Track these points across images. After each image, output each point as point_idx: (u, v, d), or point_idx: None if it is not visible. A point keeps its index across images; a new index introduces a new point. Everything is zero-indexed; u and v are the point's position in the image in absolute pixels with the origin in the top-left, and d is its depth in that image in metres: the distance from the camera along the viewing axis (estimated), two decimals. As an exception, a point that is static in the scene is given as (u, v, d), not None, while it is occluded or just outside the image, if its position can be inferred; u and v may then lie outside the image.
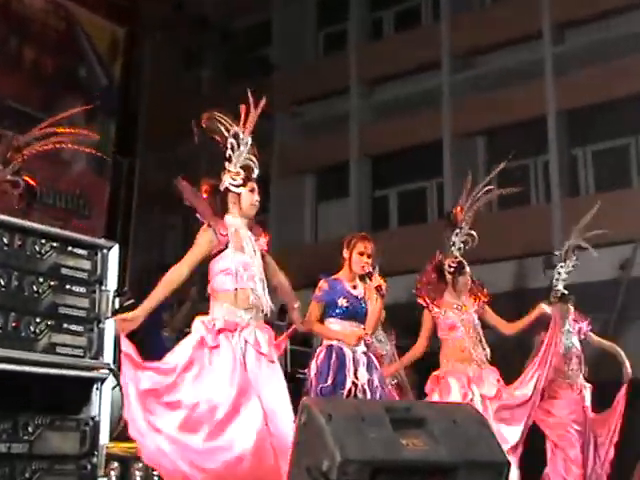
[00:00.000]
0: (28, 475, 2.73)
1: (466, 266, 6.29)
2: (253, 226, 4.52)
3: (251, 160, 4.44)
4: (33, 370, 2.76)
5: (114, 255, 3.05)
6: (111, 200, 11.91)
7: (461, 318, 6.20)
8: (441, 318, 6.23)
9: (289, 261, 4.93)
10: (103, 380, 2.96)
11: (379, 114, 15.04)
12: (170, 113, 14.38)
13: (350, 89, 15.28)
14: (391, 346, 7.25)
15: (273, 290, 4.49)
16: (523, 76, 13.22)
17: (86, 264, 3.00)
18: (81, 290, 2.97)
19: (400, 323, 6.22)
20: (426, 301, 6.28)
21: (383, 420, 2.99)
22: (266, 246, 4.50)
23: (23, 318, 2.79)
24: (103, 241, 3.05)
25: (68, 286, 2.94)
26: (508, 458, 3.18)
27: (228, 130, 4.40)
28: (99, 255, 3.04)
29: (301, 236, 15.49)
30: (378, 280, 5.71)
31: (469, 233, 6.34)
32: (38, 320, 2.83)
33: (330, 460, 2.77)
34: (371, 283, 5.68)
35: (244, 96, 4.52)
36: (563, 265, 7.11)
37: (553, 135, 12.94)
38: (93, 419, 2.94)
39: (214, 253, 4.28)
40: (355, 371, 5.47)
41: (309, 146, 15.56)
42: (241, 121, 4.44)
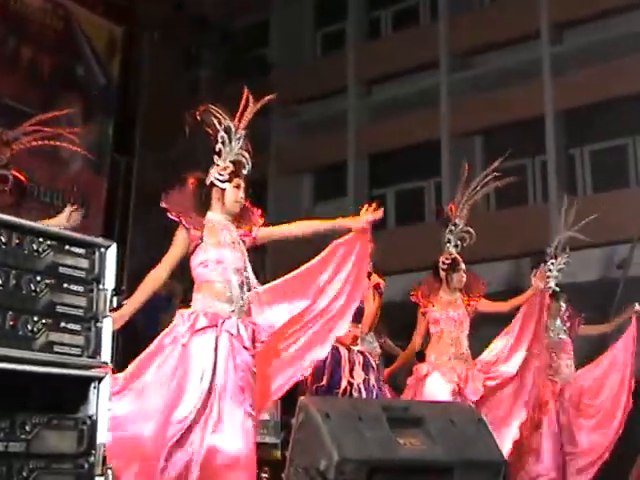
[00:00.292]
0: (25, 474, 2.72)
1: (461, 263, 6.28)
2: (244, 216, 4.50)
3: (243, 156, 4.42)
4: (30, 369, 2.75)
5: (112, 254, 3.03)
6: (109, 199, 11.90)
7: (450, 314, 6.20)
8: (430, 314, 6.24)
9: (286, 259, 4.93)
10: (101, 379, 2.95)
11: (377, 114, 15.05)
12: (168, 112, 14.33)
13: (348, 89, 15.30)
14: (378, 346, 7.20)
15: (292, 240, 4.58)
16: (521, 76, 13.24)
17: (84, 263, 2.99)
18: (79, 289, 2.96)
19: (395, 323, 6.22)
20: (419, 299, 6.28)
21: (380, 419, 3.00)
22: (257, 229, 4.48)
23: (20, 317, 2.78)
24: (101, 240, 3.03)
25: (66, 285, 2.92)
26: (505, 458, 3.18)
27: (221, 123, 4.39)
28: (97, 254, 3.02)
29: (299, 235, 15.47)
30: (376, 279, 5.73)
31: (466, 230, 6.33)
32: (36, 319, 2.82)
33: (327, 459, 2.77)
34: (370, 282, 5.71)
35: (242, 96, 4.52)
36: (554, 263, 7.11)
37: (551, 135, 12.96)
38: (90, 418, 2.93)
39: (191, 250, 4.31)
40: (351, 370, 5.49)
41: (307, 145, 15.57)
42: (237, 115, 4.43)
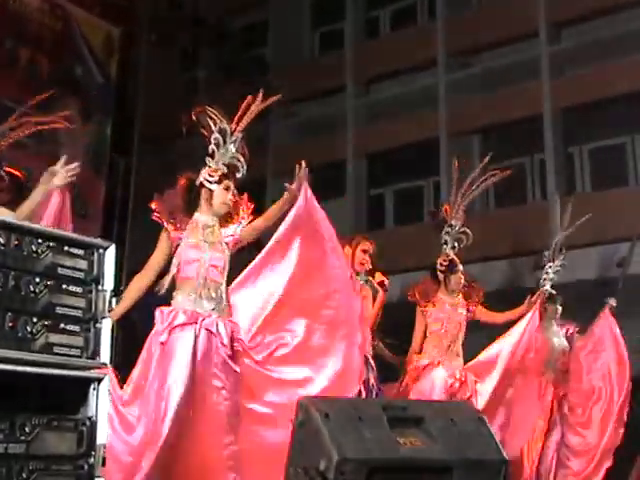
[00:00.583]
0: (25, 475, 2.72)
1: (458, 265, 6.26)
2: (236, 209, 4.50)
3: (237, 159, 4.41)
4: (30, 370, 2.75)
5: (111, 255, 3.03)
6: (107, 199, 11.91)
7: (448, 315, 6.20)
8: (431, 312, 6.23)
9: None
10: (100, 380, 2.95)
11: (375, 113, 15.04)
12: (166, 113, 14.36)
13: (346, 88, 15.28)
14: (376, 344, 7.16)
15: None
16: (519, 75, 13.23)
17: (83, 264, 2.99)
18: (78, 290, 2.96)
19: (392, 323, 6.21)
20: (416, 298, 6.27)
21: (380, 419, 3.00)
22: (240, 228, 4.46)
23: (20, 318, 2.78)
24: (100, 241, 3.03)
25: (65, 286, 2.92)
26: (506, 457, 3.18)
27: (216, 124, 4.38)
28: (96, 255, 3.02)
29: (298, 235, 15.46)
30: (380, 276, 5.74)
31: (463, 231, 6.32)
32: (35, 320, 2.82)
33: (327, 459, 2.77)
34: (374, 279, 5.73)
35: (240, 95, 4.50)
36: (551, 265, 7.10)
37: (549, 134, 12.95)
38: (90, 419, 2.93)
39: (173, 250, 4.34)
40: (352, 370, 5.48)
41: (305, 145, 15.55)
42: (236, 117, 4.42)
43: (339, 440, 2.81)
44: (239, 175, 4.42)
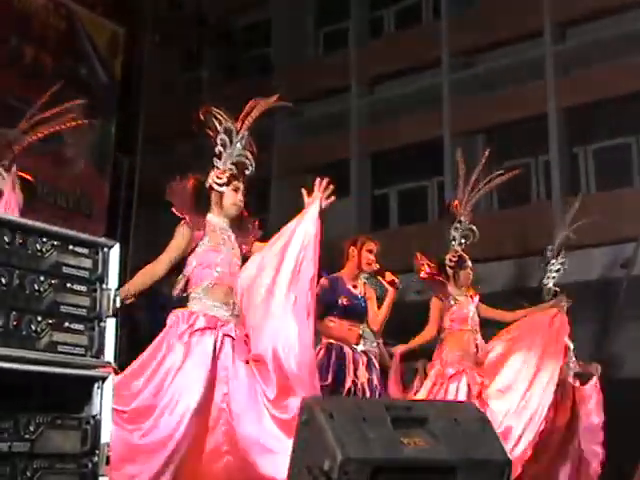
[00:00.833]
0: (29, 474, 2.72)
1: (467, 260, 6.29)
2: (243, 225, 4.49)
3: (245, 157, 4.40)
4: (34, 369, 2.76)
5: (115, 254, 3.03)
6: (111, 198, 11.92)
7: (464, 312, 6.20)
8: (454, 309, 6.22)
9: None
10: (104, 379, 2.95)
11: (379, 113, 15.04)
12: (170, 112, 14.38)
13: (350, 88, 15.28)
14: (377, 344, 7.16)
15: None
16: (524, 74, 13.23)
17: (87, 263, 2.99)
18: (82, 289, 2.96)
19: (394, 322, 6.21)
20: (430, 273, 6.23)
21: (384, 419, 2.99)
22: (252, 245, 4.43)
23: (24, 317, 2.78)
24: (104, 240, 3.03)
25: (69, 284, 2.92)
26: (510, 457, 3.18)
27: (221, 124, 4.36)
28: (100, 254, 3.02)
29: (301, 235, 15.46)
30: (391, 276, 5.75)
31: (470, 228, 6.34)
32: (39, 319, 2.82)
33: (331, 459, 2.77)
34: (384, 279, 5.73)
35: (244, 95, 4.50)
36: (554, 262, 7.11)
37: (554, 133, 12.94)
38: (94, 418, 2.93)
39: (191, 248, 4.28)
40: (355, 370, 5.48)
41: (309, 145, 15.56)
42: (241, 116, 4.41)
43: (343, 440, 2.81)
44: (248, 172, 4.40)
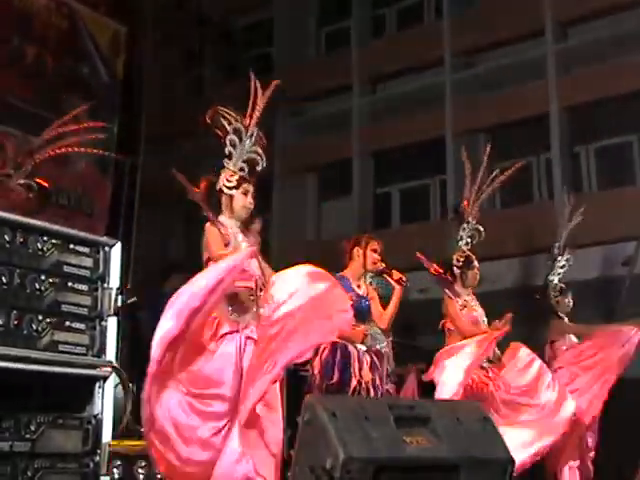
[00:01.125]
0: (30, 474, 2.72)
1: (474, 260, 6.29)
2: (248, 230, 4.50)
3: (256, 153, 4.40)
4: (35, 368, 2.75)
5: (116, 253, 3.04)
6: (113, 198, 11.89)
7: (473, 314, 6.18)
8: (464, 312, 6.19)
9: (292, 259, 4.91)
10: (106, 378, 2.95)
11: (381, 112, 15.01)
12: (172, 112, 14.38)
13: (352, 87, 15.26)
14: (387, 344, 7.15)
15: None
16: (525, 74, 13.19)
17: (88, 262, 2.99)
18: (83, 288, 2.96)
19: (397, 320, 6.21)
20: (438, 272, 6.21)
21: (387, 418, 2.99)
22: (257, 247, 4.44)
23: (25, 316, 2.78)
24: (105, 239, 3.04)
25: (70, 284, 2.93)
26: (512, 456, 3.17)
27: (230, 124, 4.37)
28: (101, 252, 3.03)
29: (304, 234, 15.47)
30: (398, 274, 5.74)
31: (476, 228, 6.33)
32: (40, 318, 2.83)
33: (334, 458, 2.76)
34: (391, 277, 5.71)
35: (245, 94, 4.50)
36: (559, 260, 7.11)
37: (556, 132, 12.91)
38: (96, 417, 2.94)
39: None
40: (359, 369, 5.47)
41: (311, 144, 15.55)
42: (247, 112, 4.41)
43: (345, 439, 2.80)
44: (259, 168, 4.40)
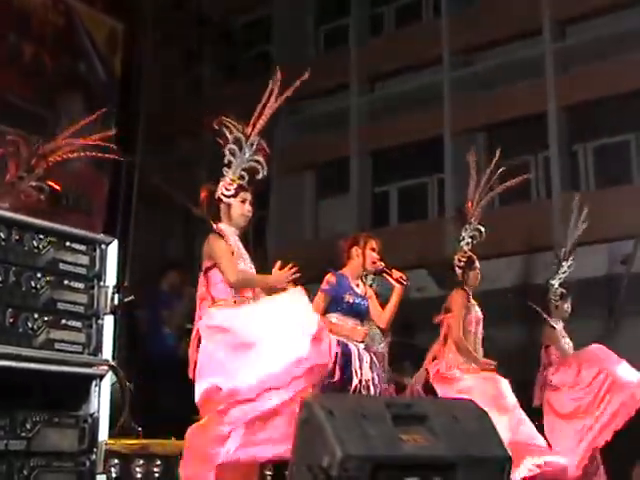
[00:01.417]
0: (26, 472, 2.71)
1: (476, 261, 6.28)
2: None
3: (257, 161, 4.44)
4: (31, 366, 2.74)
5: (113, 251, 3.03)
6: (111, 197, 11.88)
7: (473, 314, 6.18)
8: (471, 311, 6.19)
9: (290, 258, 4.90)
10: (102, 376, 2.94)
11: (379, 110, 15.00)
12: (170, 110, 14.35)
13: (350, 85, 15.25)
14: (385, 344, 7.14)
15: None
16: (524, 72, 13.20)
17: (85, 259, 2.98)
18: (79, 286, 2.95)
19: (395, 319, 6.21)
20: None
21: (384, 416, 2.98)
22: None
23: (21, 314, 2.77)
24: (102, 236, 3.02)
25: (66, 282, 2.92)
26: (510, 454, 3.17)
27: (232, 133, 4.39)
28: (98, 251, 3.01)
29: (302, 232, 15.47)
30: (398, 273, 5.73)
31: (477, 228, 6.32)
32: (36, 316, 2.82)
33: (331, 456, 2.75)
34: (391, 275, 5.71)
35: (244, 94, 4.50)
36: (563, 264, 7.08)
37: (554, 131, 12.91)
38: (92, 416, 2.93)
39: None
40: (360, 367, 5.47)
41: (309, 142, 15.54)
42: (253, 118, 4.43)
43: (342, 437, 2.80)
44: (259, 176, 4.44)
